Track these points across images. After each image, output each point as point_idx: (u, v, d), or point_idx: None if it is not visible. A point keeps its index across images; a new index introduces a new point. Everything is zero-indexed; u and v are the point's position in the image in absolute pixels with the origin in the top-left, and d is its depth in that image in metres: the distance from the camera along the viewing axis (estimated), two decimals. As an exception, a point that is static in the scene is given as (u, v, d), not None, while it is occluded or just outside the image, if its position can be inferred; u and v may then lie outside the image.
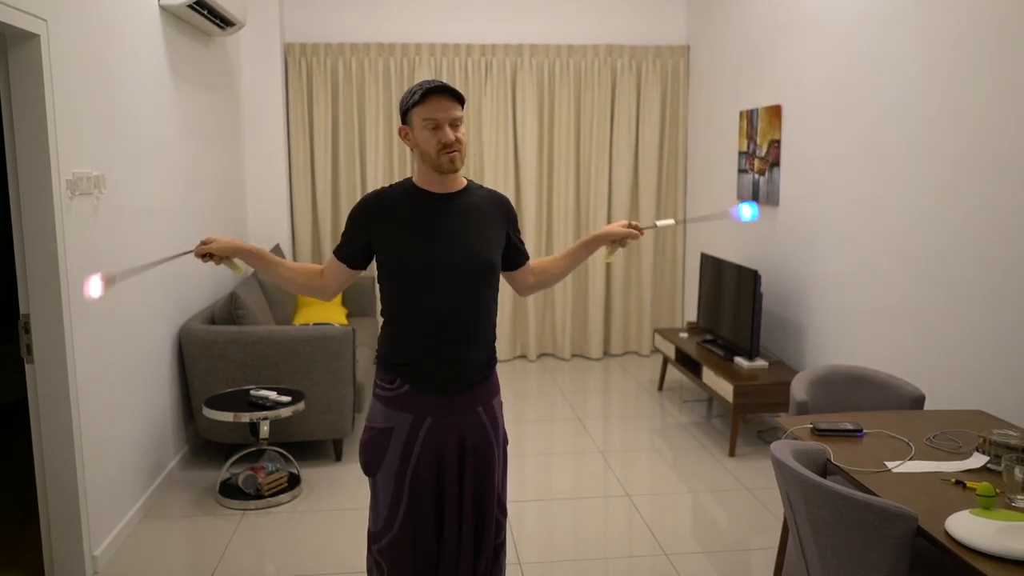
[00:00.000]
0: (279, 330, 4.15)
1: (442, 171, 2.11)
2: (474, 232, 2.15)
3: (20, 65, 2.82)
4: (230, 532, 3.55)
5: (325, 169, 6.18)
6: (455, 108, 2.08)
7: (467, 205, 2.18)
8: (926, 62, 3.49)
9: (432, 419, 2.15)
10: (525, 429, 4.88)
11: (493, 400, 2.25)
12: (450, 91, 2.06)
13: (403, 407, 2.16)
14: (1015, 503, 2.08)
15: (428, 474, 2.16)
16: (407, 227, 2.12)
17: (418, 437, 2.15)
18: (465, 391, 2.18)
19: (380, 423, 2.18)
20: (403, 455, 2.15)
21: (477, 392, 2.20)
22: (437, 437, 2.16)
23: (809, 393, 3.00)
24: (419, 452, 2.15)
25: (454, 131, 2.08)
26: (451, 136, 2.07)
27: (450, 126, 2.07)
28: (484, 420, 2.21)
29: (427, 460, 2.15)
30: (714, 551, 3.35)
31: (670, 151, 6.49)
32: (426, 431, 2.15)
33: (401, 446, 2.15)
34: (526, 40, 6.33)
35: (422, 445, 2.15)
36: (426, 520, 2.17)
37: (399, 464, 2.15)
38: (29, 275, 2.91)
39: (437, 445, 2.16)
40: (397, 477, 2.16)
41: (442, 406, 2.16)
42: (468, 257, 2.12)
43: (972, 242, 3.23)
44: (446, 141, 2.06)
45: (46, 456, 3.02)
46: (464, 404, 2.18)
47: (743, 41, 5.37)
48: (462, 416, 2.18)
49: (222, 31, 4.84)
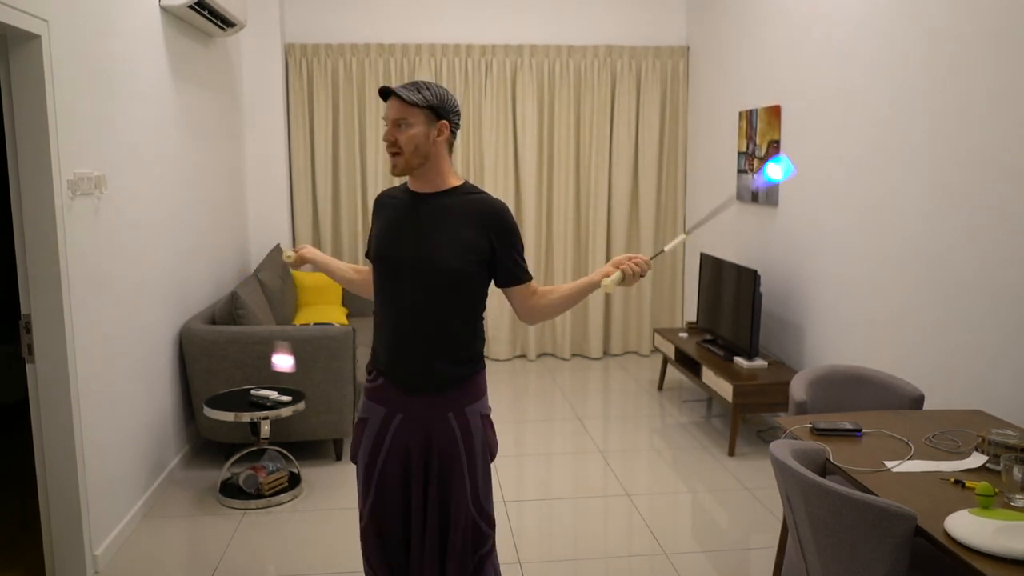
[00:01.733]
0: (279, 330, 4.15)
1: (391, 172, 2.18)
2: (442, 236, 2.10)
3: (21, 66, 2.82)
4: (231, 532, 3.55)
5: (325, 169, 6.19)
6: (401, 108, 2.07)
7: (444, 206, 2.13)
8: (925, 62, 3.50)
9: (402, 416, 2.18)
10: (525, 429, 4.88)
11: (468, 408, 2.19)
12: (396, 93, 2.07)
13: (378, 400, 2.22)
14: (1014, 502, 2.09)
15: (394, 470, 2.20)
16: (388, 224, 2.18)
17: (388, 431, 2.20)
18: (432, 393, 2.16)
19: (361, 413, 2.28)
20: (373, 448, 2.22)
21: (447, 397, 2.17)
22: (405, 435, 2.19)
23: (808, 393, 3.00)
24: (387, 447, 2.20)
25: (396, 131, 2.08)
26: (390, 135, 2.09)
27: (393, 124, 2.09)
28: (454, 426, 2.17)
29: (394, 456, 2.20)
30: (714, 551, 3.35)
31: (670, 151, 6.49)
32: (395, 427, 2.19)
33: (372, 438, 2.22)
34: (526, 40, 6.34)
35: (391, 440, 2.20)
36: (392, 515, 2.22)
37: (369, 456, 2.22)
38: (30, 275, 2.91)
39: (404, 443, 2.19)
40: (367, 468, 2.23)
41: (410, 405, 2.18)
42: (428, 259, 2.09)
43: (972, 242, 3.23)
44: (384, 137, 2.10)
45: (47, 456, 3.02)
46: (432, 406, 2.17)
47: (743, 41, 5.38)
48: (430, 419, 2.17)
49: (223, 32, 4.85)
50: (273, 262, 5.48)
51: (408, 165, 2.10)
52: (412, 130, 2.07)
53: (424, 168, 2.13)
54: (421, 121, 2.08)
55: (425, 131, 2.09)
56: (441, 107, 2.10)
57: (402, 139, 2.07)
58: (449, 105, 2.12)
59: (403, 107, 2.07)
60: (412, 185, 2.19)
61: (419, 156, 2.10)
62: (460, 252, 2.09)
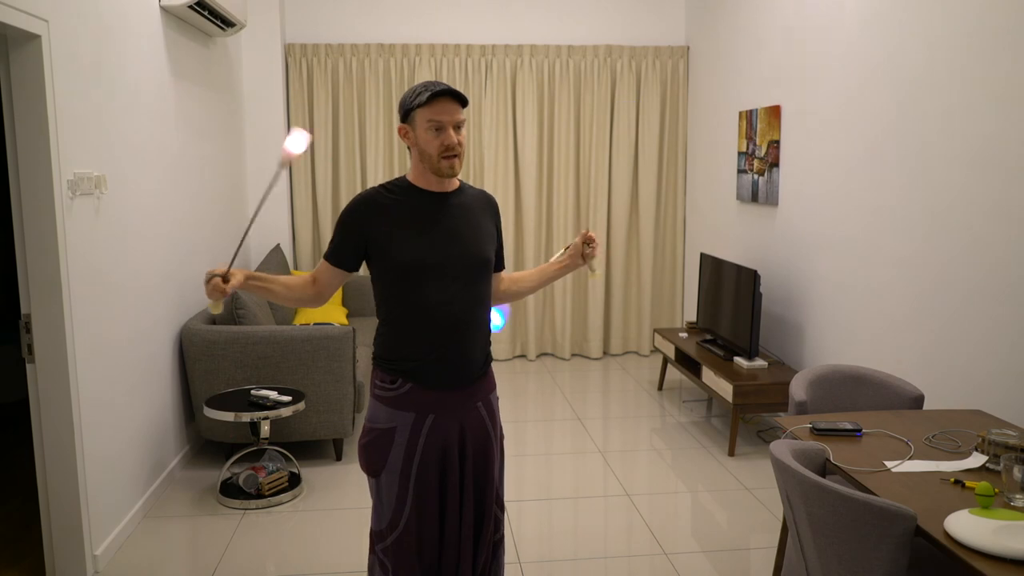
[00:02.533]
0: (279, 330, 4.15)
1: (440, 175, 2.15)
2: (472, 230, 2.21)
3: (21, 65, 2.82)
4: (231, 532, 3.55)
5: (325, 169, 6.19)
6: (459, 112, 2.13)
7: (463, 204, 2.24)
8: (926, 63, 3.50)
9: (434, 416, 2.17)
10: (525, 429, 4.88)
11: (491, 395, 2.30)
12: (456, 95, 2.11)
13: (405, 406, 2.16)
14: (1014, 502, 2.09)
15: (432, 472, 2.17)
16: (407, 227, 2.13)
17: (421, 435, 2.16)
18: (467, 386, 2.22)
19: (382, 423, 2.18)
20: (407, 455, 2.16)
21: (477, 387, 2.24)
22: (440, 434, 2.18)
23: (808, 393, 3.00)
24: (422, 450, 2.16)
25: (457, 134, 2.13)
26: (454, 138, 2.11)
27: (453, 129, 2.12)
28: (483, 414, 2.26)
29: (431, 458, 2.17)
30: (714, 551, 3.35)
31: (670, 151, 6.49)
32: (428, 429, 2.17)
33: (404, 445, 2.16)
34: (526, 40, 6.34)
35: (425, 443, 2.16)
36: (431, 518, 2.18)
37: (403, 464, 2.16)
38: (30, 275, 2.91)
39: (440, 442, 2.18)
40: (402, 477, 2.16)
41: (444, 402, 2.18)
42: (468, 254, 2.18)
43: (972, 242, 3.23)
44: (449, 143, 2.10)
45: (47, 456, 3.02)
46: (465, 399, 2.22)
47: (743, 41, 5.38)
48: (463, 411, 2.21)
49: (223, 32, 4.85)
50: (273, 262, 5.48)
51: (462, 165, 2.20)
52: (464, 131, 2.19)
53: None
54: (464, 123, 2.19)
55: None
56: None
57: (463, 141, 2.17)
58: None
59: (461, 109, 2.15)
60: (428, 185, 2.19)
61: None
62: (488, 243, 2.24)
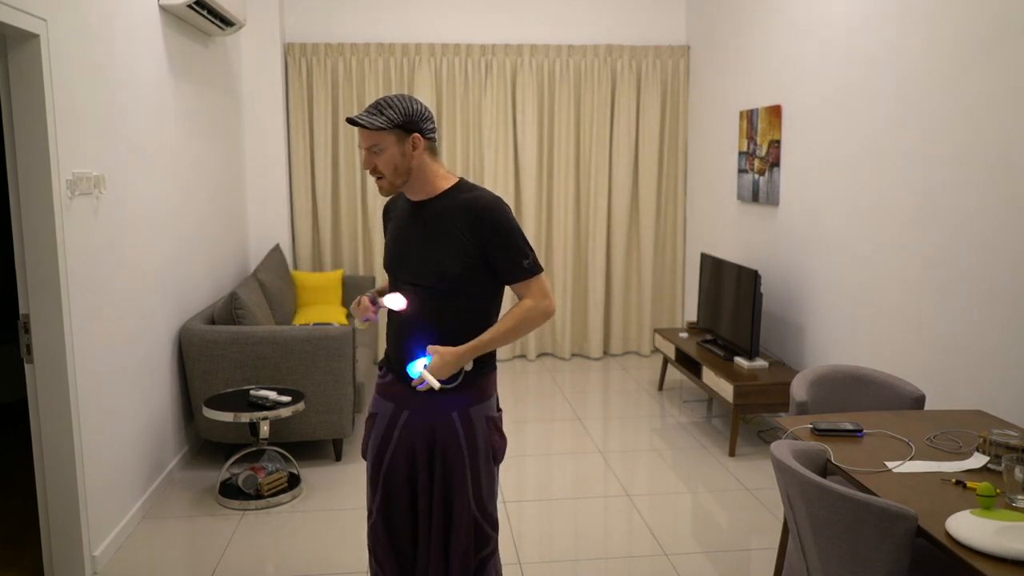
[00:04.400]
0: (279, 330, 4.15)
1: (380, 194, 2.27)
2: (432, 241, 2.14)
3: (20, 65, 2.82)
4: (230, 532, 3.55)
5: (325, 169, 6.18)
6: (369, 136, 2.08)
7: (437, 211, 2.15)
8: (926, 63, 3.49)
9: (409, 413, 2.24)
10: (525, 429, 4.88)
11: (472, 409, 2.21)
12: (358, 122, 2.07)
13: (387, 396, 2.29)
14: (1015, 503, 2.08)
15: (401, 467, 2.25)
16: (393, 234, 2.27)
17: (396, 428, 2.25)
18: (437, 393, 2.18)
19: (371, 409, 2.33)
20: (382, 444, 2.27)
21: (451, 397, 2.20)
22: (411, 432, 2.24)
23: (809, 393, 3.00)
24: (395, 443, 2.25)
25: (372, 158, 2.11)
26: (368, 163, 2.12)
27: (367, 152, 2.11)
28: (457, 426, 2.21)
29: (401, 452, 2.25)
30: (714, 551, 3.35)
31: (670, 151, 6.49)
32: (403, 424, 2.24)
33: (381, 433, 2.27)
34: (526, 40, 6.33)
35: (398, 437, 2.25)
36: (401, 512, 2.27)
37: (377, 452, 2.28)
38: (29, 275, 2.91)
39: (411, 440, 2.24)
40: (375, 464, 2.28)
41: (416, 403, 2.22)
42: (419, 262, 2.15)
43: (973, 242, 3.23)
44: (363, 165, 2.15)
45: (46, 456, 3.02)
46: (437, 405, 2.21)
47: (743, 41, 5.37)
48: (435, 417, 2.22)
49: (222, 31, 4.84)
50: (272, 262, 5.48)
51: (393, 186, 2.14)
52: (386, 153, 2.09)
53: (411, 181, 2.16)
54: (392, 142, 2.09)
55: (399, 150, 2.10)
56: (408, 122, 2.10)
57: (380, 164, 2.10)
58: (417, 116, 2.11)
59: (370, 134, 2.08)
60: (408, 192, 2.23)
61: (401, 175, 2.13)
62: (456, 256, 2.11)
